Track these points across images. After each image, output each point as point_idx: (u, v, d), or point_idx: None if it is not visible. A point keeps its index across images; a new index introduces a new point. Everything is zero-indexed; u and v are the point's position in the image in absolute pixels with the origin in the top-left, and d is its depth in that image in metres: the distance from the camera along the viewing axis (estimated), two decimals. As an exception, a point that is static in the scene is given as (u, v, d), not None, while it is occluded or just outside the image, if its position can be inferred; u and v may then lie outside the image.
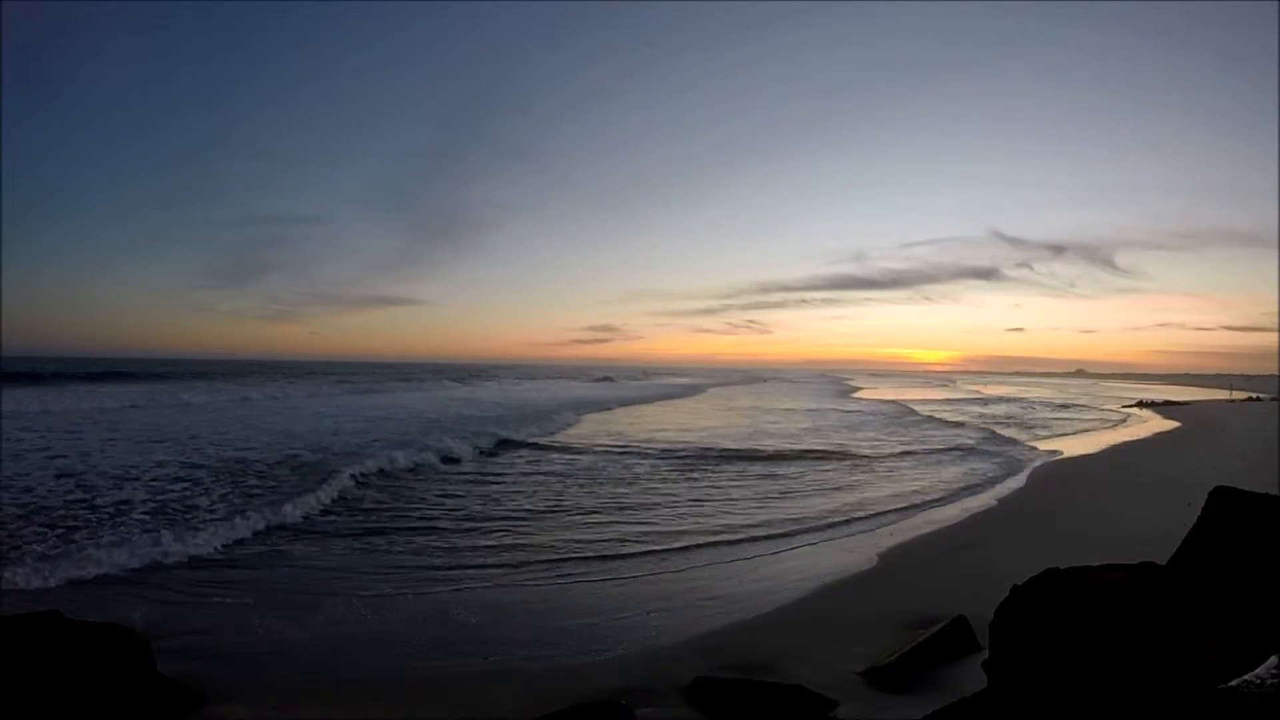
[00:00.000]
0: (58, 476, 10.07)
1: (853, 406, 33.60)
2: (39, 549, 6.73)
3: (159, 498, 9.00)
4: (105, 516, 8.01)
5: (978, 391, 55.73)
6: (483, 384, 52.56)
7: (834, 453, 15.70)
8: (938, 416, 26.82)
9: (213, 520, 7.90)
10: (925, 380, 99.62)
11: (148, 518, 8.01)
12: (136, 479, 10.08)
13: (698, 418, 26.25)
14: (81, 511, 8.17)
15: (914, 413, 28.87)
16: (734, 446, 16.21)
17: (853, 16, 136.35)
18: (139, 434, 15.77)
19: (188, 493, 9.34)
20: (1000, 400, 40.75)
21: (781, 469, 13.05)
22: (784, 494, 10.60)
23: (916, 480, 12.01)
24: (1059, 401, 39.69)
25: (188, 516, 8.11)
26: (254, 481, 10.24)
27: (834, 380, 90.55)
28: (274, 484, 10.05)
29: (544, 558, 7.01)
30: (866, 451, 16.02)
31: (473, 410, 24.96)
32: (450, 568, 6.66)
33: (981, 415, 28.18)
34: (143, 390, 30.99)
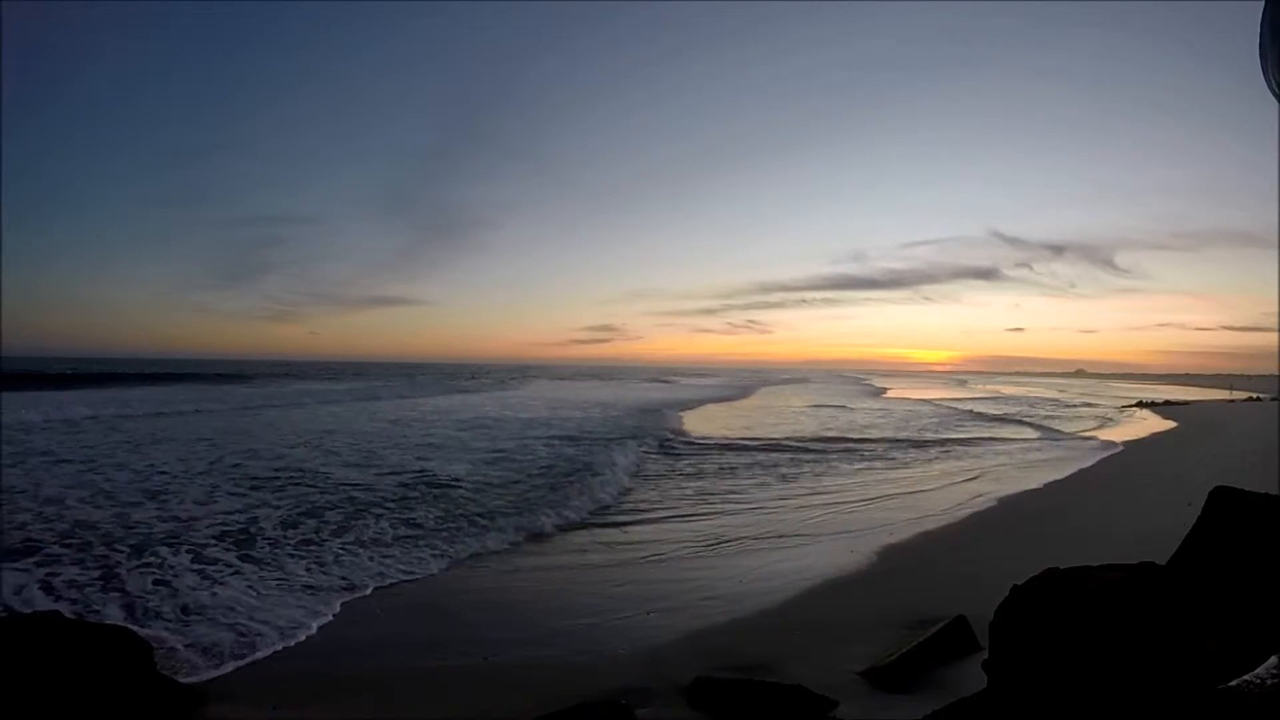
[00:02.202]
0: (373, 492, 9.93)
1: (899, 406, 34.54)
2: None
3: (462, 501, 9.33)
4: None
5: (997, 391, 56.23)
6: (534, 385, 53.99)
7: (939, 441, 18.02)
8: (985, 413, 29.40)
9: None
10: (938, 380, 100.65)
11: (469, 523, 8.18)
12: (412, 486, 10.25)
13: (788, 414, 28.22)
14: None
15: (957, 410, 30.97)
16: (858, 437, 18.70)
17: (853, 16, 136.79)
18: (318, 441, 15.80)
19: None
20: (1018, 400, 41.60)
21: (925, 454, 15.33)
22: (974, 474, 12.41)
23: (1036, 464, 13.76)
24: (1068, 401, 40.50)
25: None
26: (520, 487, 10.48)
27: (853, 380, 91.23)
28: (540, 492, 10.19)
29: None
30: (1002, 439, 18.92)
31: (587, 412, 25.93)
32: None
33: (1016, 412, 30.23)
34: (203, 392, 32.29)
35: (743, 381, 72.24)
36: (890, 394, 49.78)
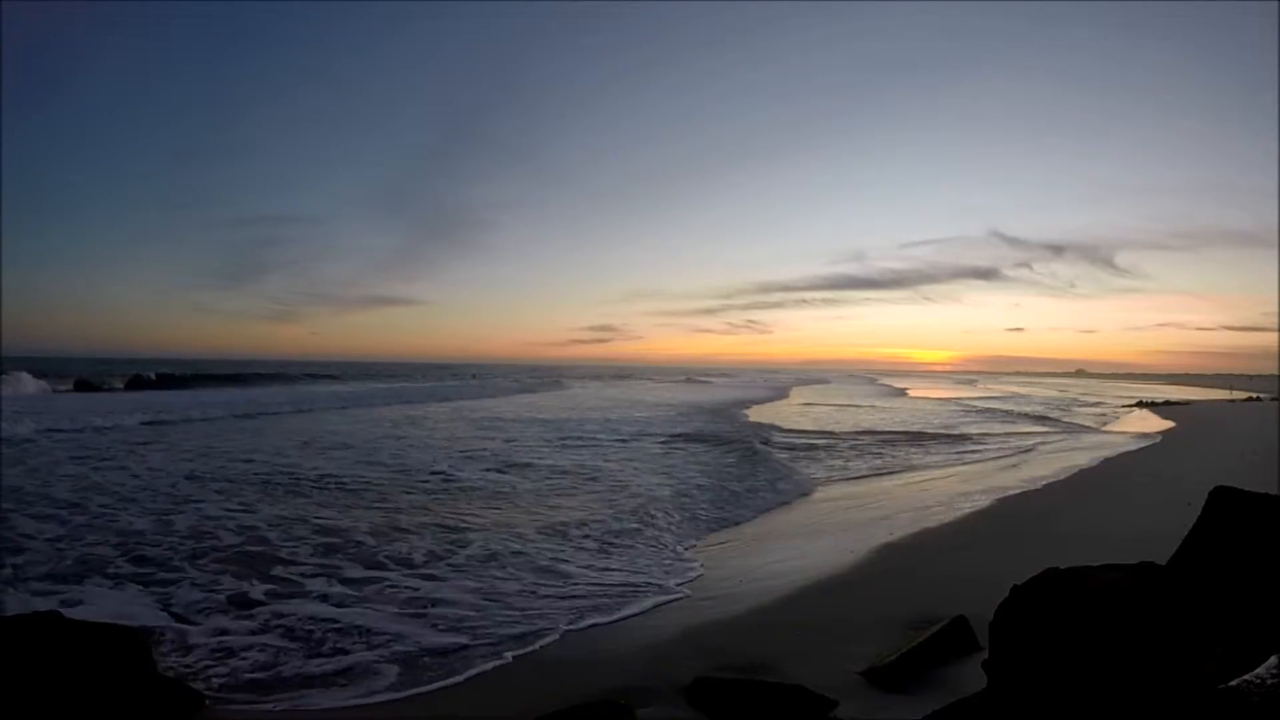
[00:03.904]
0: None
1: (927, 405, 35.75)
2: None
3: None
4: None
5: (1013, 391, 56.81)
6: (580, 386, 55.16)
7: (997, 435, 19.94)
8: (1019, 411, 30.81)
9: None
10: (946, 380, 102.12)
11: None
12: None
13: (839, 411, 30.12)
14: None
15: (991, 409, 32.26)
16: (933, 431, 20.87)
17: (853, 16, 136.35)
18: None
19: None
20: (1037, 400, 42.10)
21: (995, 446, 17.20)
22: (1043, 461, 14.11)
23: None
24: (1082, 400, 41.12)
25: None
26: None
27: (867, 380, 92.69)
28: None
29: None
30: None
31: (670, 412, 27.53)
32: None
33: (1045, 411, 31.12)
34: (258, 394, 33.25)
35: (770, 382, 73.57)
36: (912, 393, 51.20)
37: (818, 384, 71.94)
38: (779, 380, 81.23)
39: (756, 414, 27.59)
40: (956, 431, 21.01)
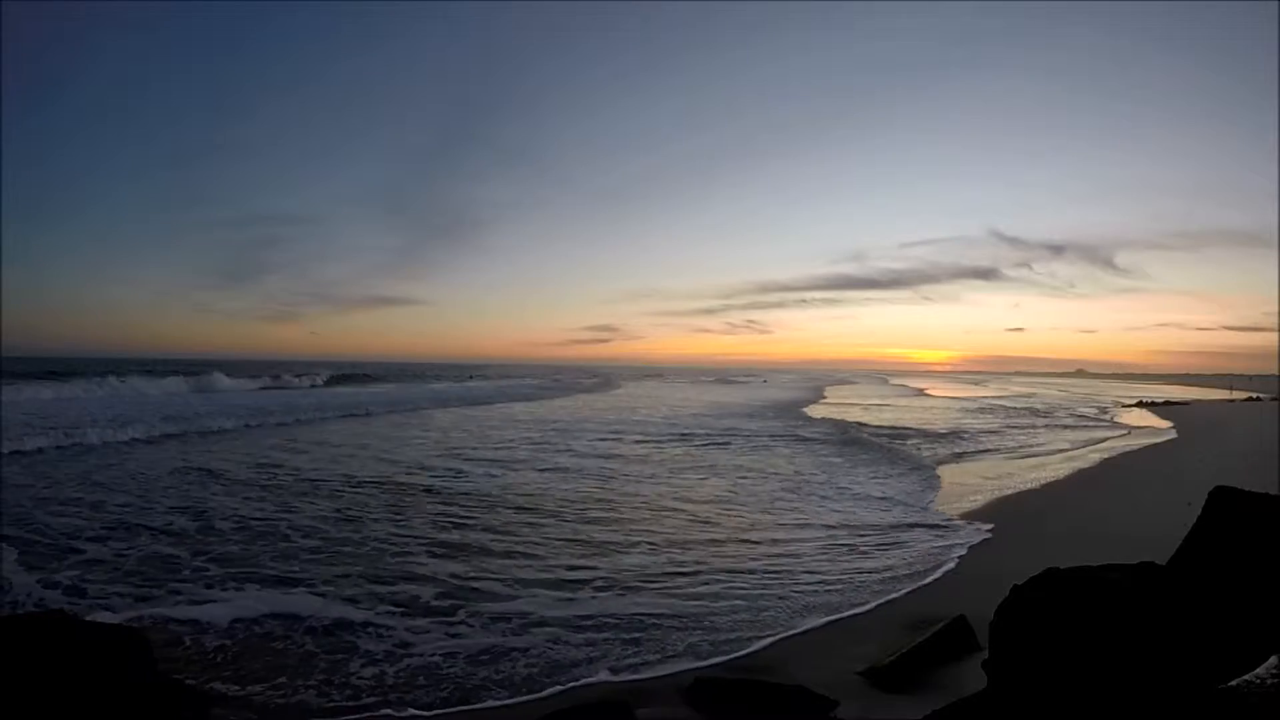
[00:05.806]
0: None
1: (953, 404, 36.61)
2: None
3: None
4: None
5: (1030, 392, 56.72)
6: (628, 387, 54.74)
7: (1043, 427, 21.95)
8: (1039, 409, 31.79)
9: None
10: (954, 380, 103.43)
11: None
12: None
13: (900, 409, 31.12)
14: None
15: (1015, 408, 32.55)
16: (988, 428, 21.73)
17: (852, 17, 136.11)
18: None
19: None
20: (1055, 400, 42.31)
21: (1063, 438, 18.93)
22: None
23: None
24: (1097, 400, 41.44)
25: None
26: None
27: (880, 380, 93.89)
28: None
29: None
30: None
31: (743, 409, 29.22)
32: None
33: (1070, 409, 32.15)
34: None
35: (794, 383, 73.80)
36: (931, 392, 52.11)
37: (844, 384, 72.18)
38: (800, 381, 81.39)
39: (818, 412, 28.07)
40: (1009, 425, 22.58)
